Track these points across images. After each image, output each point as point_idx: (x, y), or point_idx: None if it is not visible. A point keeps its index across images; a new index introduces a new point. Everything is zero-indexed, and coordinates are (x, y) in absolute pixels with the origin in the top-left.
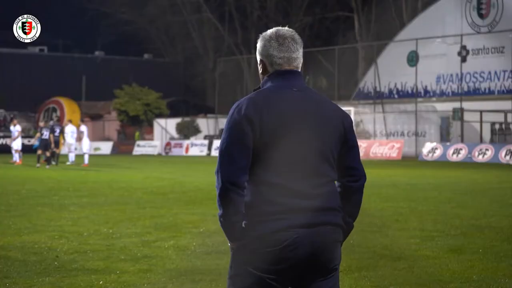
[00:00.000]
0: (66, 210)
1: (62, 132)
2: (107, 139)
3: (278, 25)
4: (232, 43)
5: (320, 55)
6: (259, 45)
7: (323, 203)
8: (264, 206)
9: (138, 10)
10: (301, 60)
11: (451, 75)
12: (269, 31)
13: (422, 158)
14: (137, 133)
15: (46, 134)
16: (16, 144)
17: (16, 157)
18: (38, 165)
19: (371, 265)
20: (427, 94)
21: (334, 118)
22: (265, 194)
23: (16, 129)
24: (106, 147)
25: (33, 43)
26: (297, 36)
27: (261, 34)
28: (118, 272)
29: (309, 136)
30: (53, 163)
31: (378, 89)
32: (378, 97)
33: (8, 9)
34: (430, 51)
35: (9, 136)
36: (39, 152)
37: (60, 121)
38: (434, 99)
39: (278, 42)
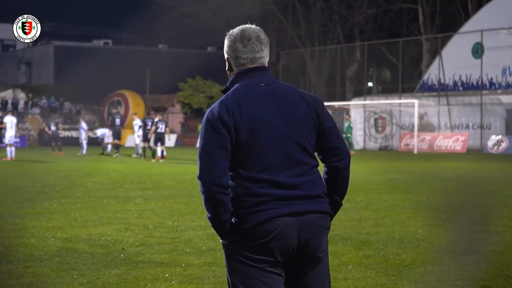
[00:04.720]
0: (131, 203)
1: (154, 124)
2: (171, 131)
3: (342, 18)
4: (295, 35)
5: (384, 48)
6: (225, 43)
7: (307, 192)
8: (251, 198)
9: (201, 3)
10: (267, 57)
11: None
12: (235, 31)
13: (487, 151)
14: (200, 126)
15: (162, 127)
16: (7, 138)
17: (8, 152)
18: (153, 160)
19: (437, 260)
20: (492, 86)
21: (304, 107)
22: (250, 188)
23: (9, 120)
24: (170, 140)
25: (98, 37)
26: (262, 35)
27: (228, 32)
28: (183, 265)
29: (282, 130)
30: (116, 154)
31: (442, 81)
32: (442, 90)
33: (74, 4)
34: (496, 42)
35: (76, 129)
36: (154, 147)
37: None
38: (499, 91)
39: (242, 44)
